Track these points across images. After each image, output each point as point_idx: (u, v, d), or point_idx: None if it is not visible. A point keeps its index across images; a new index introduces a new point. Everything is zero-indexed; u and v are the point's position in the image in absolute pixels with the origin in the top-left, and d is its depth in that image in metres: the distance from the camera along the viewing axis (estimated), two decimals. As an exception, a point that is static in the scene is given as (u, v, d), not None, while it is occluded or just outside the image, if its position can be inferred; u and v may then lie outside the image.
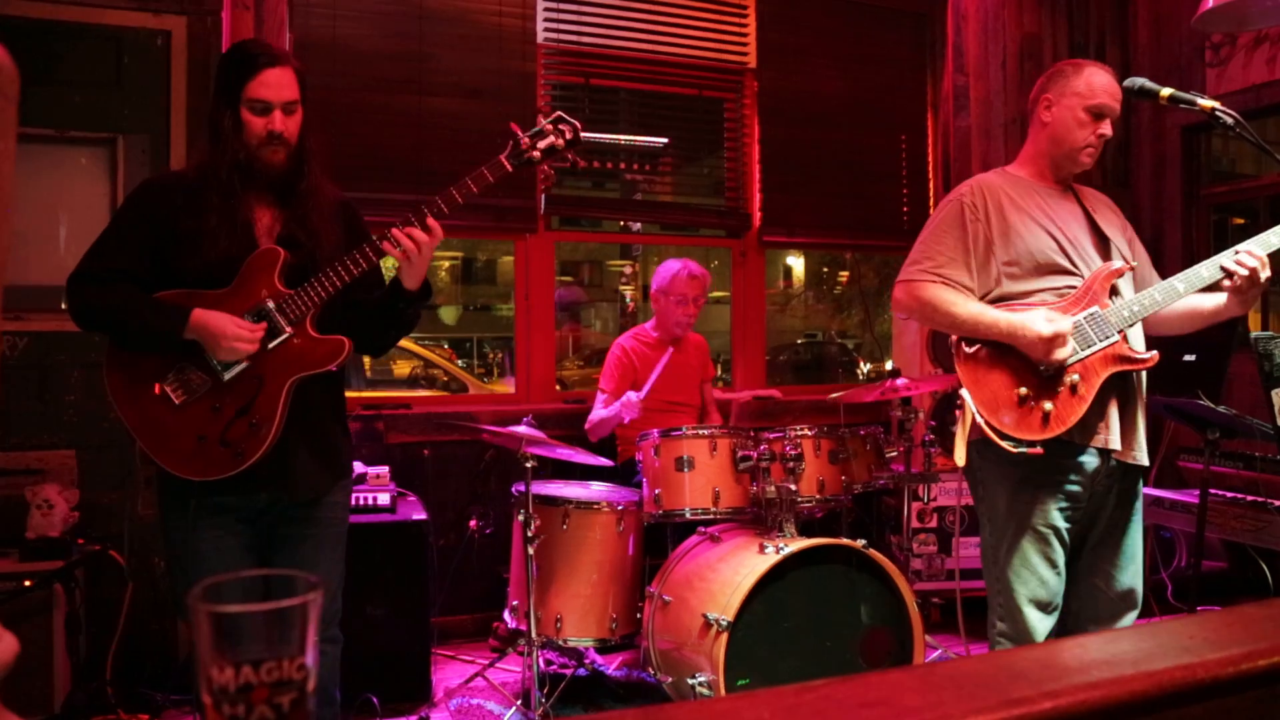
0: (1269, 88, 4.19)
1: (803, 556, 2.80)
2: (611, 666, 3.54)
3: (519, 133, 2.25)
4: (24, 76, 0.89)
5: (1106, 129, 2.37)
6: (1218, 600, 3.68)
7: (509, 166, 2.22)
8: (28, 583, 2.85)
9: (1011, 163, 2.54)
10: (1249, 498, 3.42)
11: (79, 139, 3.41)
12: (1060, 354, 2.20)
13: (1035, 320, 2.22)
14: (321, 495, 2.24)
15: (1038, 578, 2.30)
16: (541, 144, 2.24)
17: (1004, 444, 2.21)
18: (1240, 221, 5.39)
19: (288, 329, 2.12)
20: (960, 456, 2.32)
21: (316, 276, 2.12)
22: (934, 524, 4.00)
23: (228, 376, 2.10)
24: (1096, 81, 2.36)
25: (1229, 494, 3.49)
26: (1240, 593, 3.94)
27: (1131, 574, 2.39)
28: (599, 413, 3.74)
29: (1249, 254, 2.24)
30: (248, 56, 2.16)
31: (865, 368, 10.75)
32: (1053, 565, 2.30)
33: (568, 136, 2.26)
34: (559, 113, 2.29)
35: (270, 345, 2.11)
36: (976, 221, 2.37)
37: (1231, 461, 3.53)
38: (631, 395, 3.56)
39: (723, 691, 2.63)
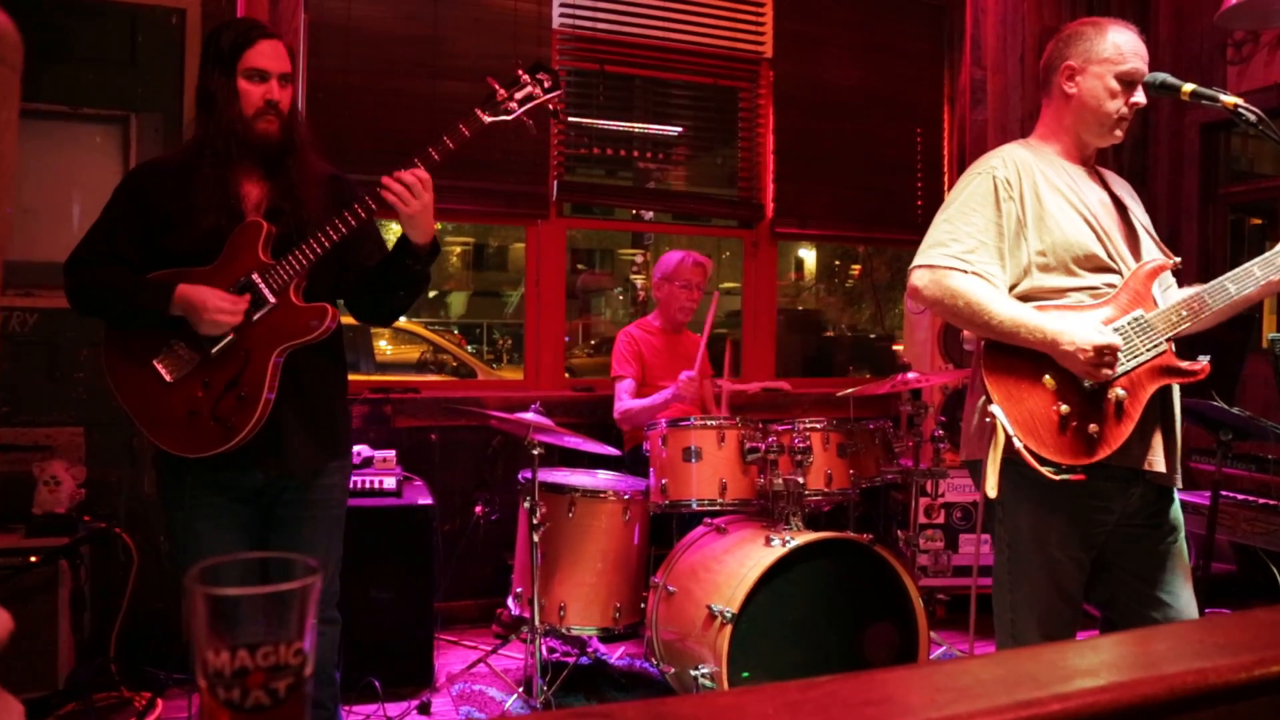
0: (1291, 87, 4.14)
1: (809, 550, 2.79)
2: (614, 656, 3.54)
3: (495, 85, 2.22)
4: (39, 53, 0.88)
5: (1140, 97, 2.12)
6: (1226, 603, 3.65)
7: (484, 119, 2.19)
8: (33, 559, 2.87)
9: (1032, 134, 2.26)
10: (1260, 500, 3.39)
11: (92, 116, 3.40)
12: (1107, 371, 1.94)
13: (1083, 329, 1.95)
14: (318, 471, 2.23)
15: (1053, 613, 2.09)
16: (519, 94, 2.20)
17: (1044, 469, 1.93)
18: (1258, 221, 5.34)
19: (271, 299, 2.11)
20: (993, 486, 1.98)
21: (299, 245, 2.12)
22: (941, 520, 3.99)
23: (215, 350, 2.10)
24: (1126, 44, 2.12)
25: (1240, 496, 3.47)
26: (1249, 596, 3.91)
27: (1186, 601, 2.13)
28: (641, 401, 3.64)
29: None
30: (243, 27, 2.19)
31: (875, 362, 10.70)
32: (1068, 599, 2.10)
33: (546, 85, 2.22)
34: (535, 61, 2.26)
35: (255, 317, 2.11)
36: (1010, 200, 2.07)
37: (1244, 463, 3.50)
38: (683, 375, 3.50)
39: (725, 684, 2.62)
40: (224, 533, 2.13)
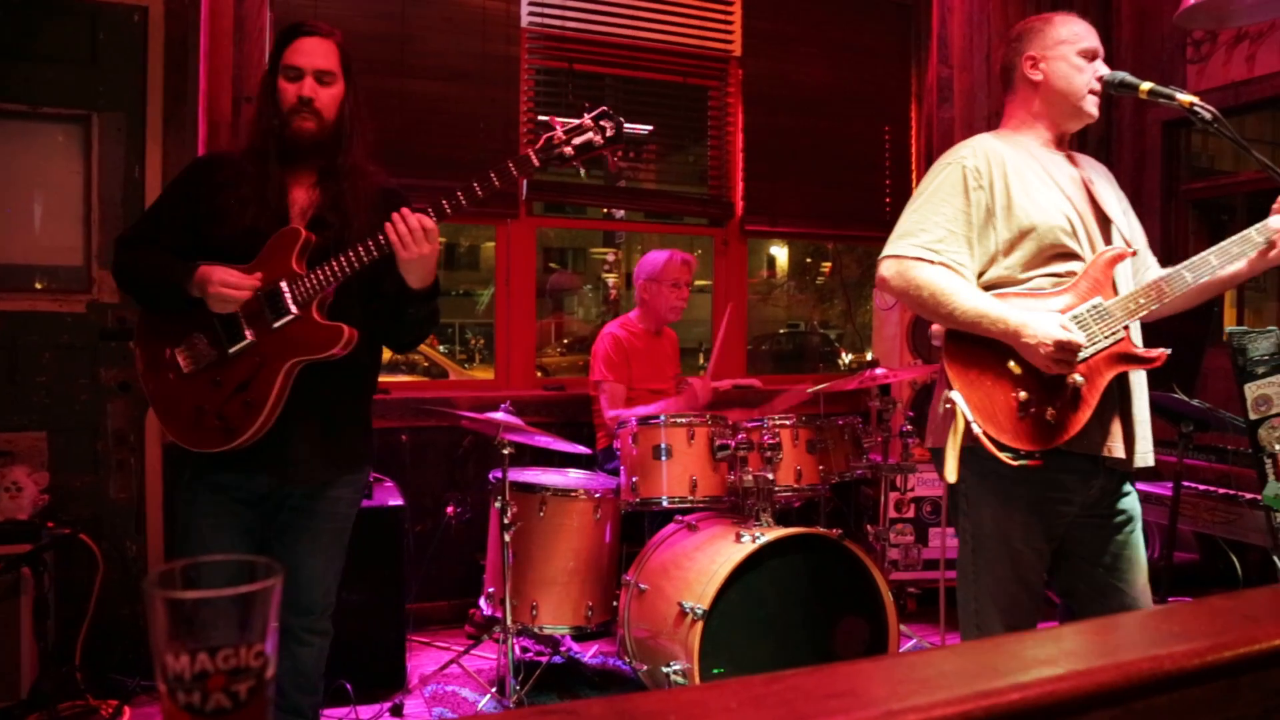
0: (1248, 85, 4.21)
1: (779, 546, 2.80)
2: (587, 654, 3.54)
3: (556, 126, 2.11)
4: (-2, 51, 0.87)
5: (1104, 70, 2.16)
6: (1189, 592, 3.72)
7: (537, 162, 2.09)
8: (-4, 565, 2.82)
9: (1001, 127, 2.27)
10: (1221, 490, 3.45)
11: (53, 116, 3.34)
12: (1068, 366, 1.95)
13: (1046, 323, 1.95)
14: (323, 485, 2.22)
15: (1015, 603, 2.11)
16: (577, 140, 2.08)
17: (1002, 455, 1.94)
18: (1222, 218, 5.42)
19: (294, 310, 2.09)
20: (952, 472, 1.99)
21: (330, 261, 2.09)
22: (911, 514, 4.02)
23: (232, 350, 2.09)
24: (1076, 26, 2.18)
25: (1201, 486, 3.52)
26: (1211, 584, 3.98)
27: (1141, 588, 2.16)
28: (642, 409, 3.55)
29: None
30: (291, 27, 2.21)
31: (846, 358, 10.77)
32: (1030, 589, 2.11)
33: (609, 134, 2.09)
34: (603, 108, 2.11)
35: (275, 325, 2.09)
36: (980, 189, 2.08)
37: (1204, 454, 3.56)
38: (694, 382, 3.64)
39: (697, 680, 2.63)
40: (222, 532, 2.13)
